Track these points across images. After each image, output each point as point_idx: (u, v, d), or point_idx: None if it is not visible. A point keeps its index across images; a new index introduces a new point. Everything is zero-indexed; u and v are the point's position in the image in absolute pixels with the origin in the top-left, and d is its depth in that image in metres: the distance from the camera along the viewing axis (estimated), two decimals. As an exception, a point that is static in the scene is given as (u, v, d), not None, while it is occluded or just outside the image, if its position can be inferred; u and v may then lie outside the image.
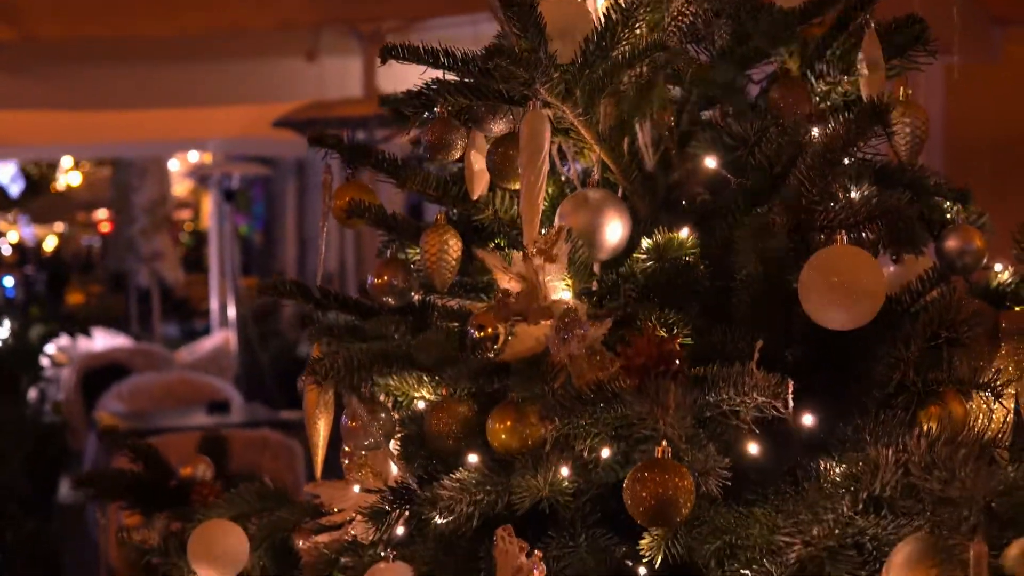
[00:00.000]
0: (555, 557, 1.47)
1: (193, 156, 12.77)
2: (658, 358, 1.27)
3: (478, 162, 1.64)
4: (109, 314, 12.21)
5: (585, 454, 1.43)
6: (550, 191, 1.67)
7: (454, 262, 1.64)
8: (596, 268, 1.61)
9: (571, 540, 1.50)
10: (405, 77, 1.66)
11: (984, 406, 1.51)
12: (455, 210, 1.76)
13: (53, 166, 16.74)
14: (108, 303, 14.30)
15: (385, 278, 1.69)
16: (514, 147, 1.55)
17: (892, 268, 1.75)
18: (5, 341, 9.63)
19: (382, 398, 1.67)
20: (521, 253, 1.51)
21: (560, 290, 1.52)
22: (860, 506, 1.27)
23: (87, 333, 9.30)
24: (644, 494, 1.27)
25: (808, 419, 1.47)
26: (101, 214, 17.62)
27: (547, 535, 1.50)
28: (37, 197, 16.87)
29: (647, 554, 1.40)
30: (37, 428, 7.28)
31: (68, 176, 17.07)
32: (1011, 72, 4.54)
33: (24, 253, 17.51)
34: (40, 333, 10.18)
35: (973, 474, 1.23)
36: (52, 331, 10.25)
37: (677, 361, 1.30)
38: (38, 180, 16.81)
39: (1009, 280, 1.70)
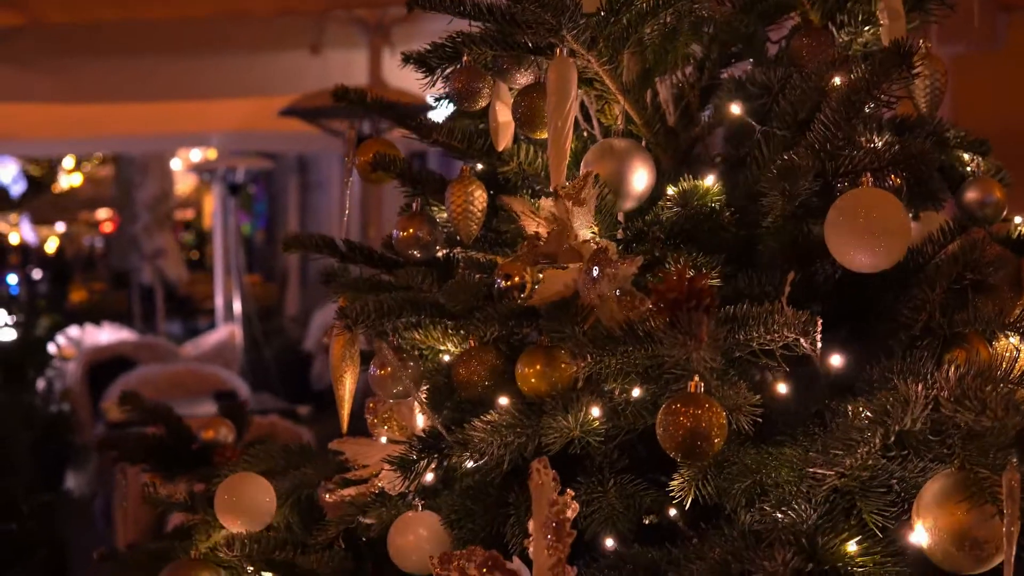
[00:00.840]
0: (584, 502, 1.47)
1: (196, 155, 12.75)
2: (689, 293, 1.27)
3: (503, 114, 1.64)
4: (112, 311, 12.19)
5: (616, 393, 1.43)
6: (573, 147, 1.68)
7: (480, 213, 1.64)
8: (620, 217, 1.62)
9: (600, 486, 1.50)
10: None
11: (1009, 350, 1.52)
12: (479, 166, 1.76)
13: (55, 166, 16.72)
14: (111, 300, 14.28)
15: (411, 231, 1.69)
16: (541, 96, 1.56)
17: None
18: (10, 326, 9.61)
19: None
20: (548, 200, 1.51)
21: (587, 237, 1.52)
22: (892, 439, 1.28)
23: (97, 322, 9.29)
24: (676, 427, 1.27)
25: (835, 360, 1.47)
26: (103, 213, 17.60)
27: (576, 481, 1.50)
28: (38, 197, 16.84)
29: (678, 495, 1.40)
30: (44, 420, 7.27)
31: (70, 177, 17.05)
32: (1017, 58, 4.55)
33: (27, 254, 17.48)
34: (47, 325, 10.18)
35: (1004, 404, 1.24)
36: (58, 323, 10.25)
37: (708, 298, 1.30)
38: (40, 180, 16.79)
39: (1030, 230, 1.71)
